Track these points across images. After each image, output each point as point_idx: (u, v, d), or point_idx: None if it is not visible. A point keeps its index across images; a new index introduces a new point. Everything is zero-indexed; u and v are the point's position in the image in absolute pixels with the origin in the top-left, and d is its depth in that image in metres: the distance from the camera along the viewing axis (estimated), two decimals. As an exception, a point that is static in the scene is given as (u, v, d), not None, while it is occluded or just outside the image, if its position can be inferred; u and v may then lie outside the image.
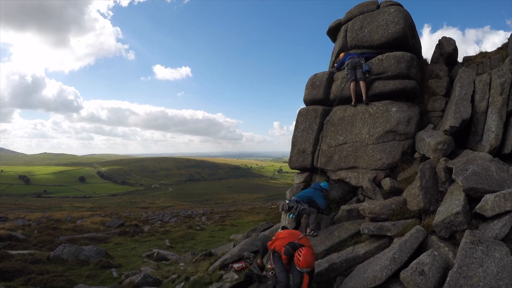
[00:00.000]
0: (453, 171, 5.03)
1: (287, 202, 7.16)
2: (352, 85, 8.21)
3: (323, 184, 7.41)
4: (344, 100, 8.75)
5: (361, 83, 8.08)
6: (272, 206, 30.78)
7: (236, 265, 7.32)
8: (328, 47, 10.73)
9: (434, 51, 9.53)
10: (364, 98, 8.08)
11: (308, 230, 6.65)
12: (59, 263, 9.49)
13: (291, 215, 7.01)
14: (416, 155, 7.06)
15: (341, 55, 8.97)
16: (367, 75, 8.13)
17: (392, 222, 5.35)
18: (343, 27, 9.59)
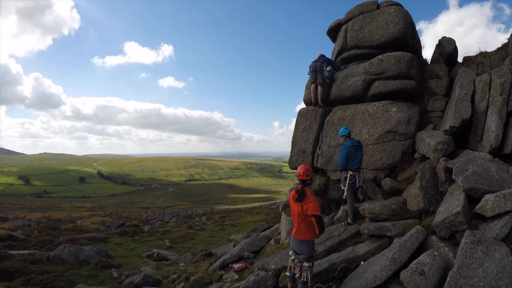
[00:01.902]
0: (453, 171, 5.03)
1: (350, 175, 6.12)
2: (312, 87, 8.89)
3: (344, 130, 6.43)
4: (344, 100, 8.76)
5: (319, 88, 8.73)
6: (272, 206, 30.79)
7: (236, 265, 7.31)
8: (329, 46, 10.75)
9: (434, 51, 9.54)
10: (319, 102, 8.77)
11: (349, 220, 6.28)
12: (59, 263, 9.49)
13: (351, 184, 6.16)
14: (416, 155, 7.07)
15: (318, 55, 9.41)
16: (327, 81, 8.85)
17: (392, 222, 5.35)
18: (343, 27, 9.59)
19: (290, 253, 4.53)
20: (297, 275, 4.32)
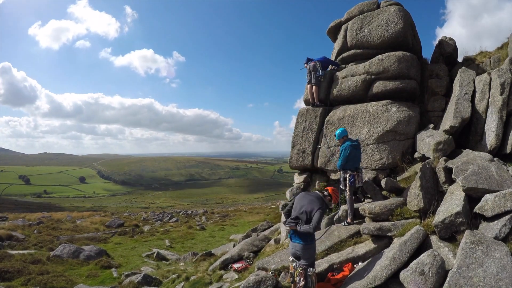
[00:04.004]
0: (453, 171, 5.03)
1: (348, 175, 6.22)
2: (308, 87, 8.99)
3: (342, 129, 6.53)
4: (344, 100, 8.76)
5: (314, 87, 8.83)
6: (272, 206, 30.80)
7: (236, 265, 7.31)
8: (329, 46, 10.76)
9: (434, 51, 9.52)
10: (312, 102, 8.91)
11: (349, 220, 6.22)
12: (59, 263, 9.49)
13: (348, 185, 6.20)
14: (416, 155, 7.06)
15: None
16: (322, 79, 8.93)
17: (392, 222, 5.35)
18: (343, 27, 9.58)
19: (291, 259, 4.38)
20: (301, 284, 4.10)
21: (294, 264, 4.29)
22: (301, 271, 4.15)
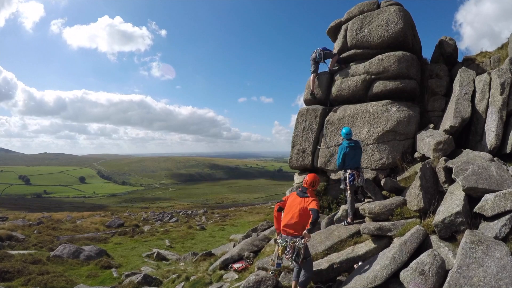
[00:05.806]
0: (453, 171, 5.03)
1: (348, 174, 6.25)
2: (312, 76, 9.04)
3: (346, 130, 6.48)
4: (344, 100, 8.76)
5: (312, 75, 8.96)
6: (272, 206, 30.81)
7: (236, 265, 7.31)
8: (329, 46, 10.73)
9: (434, 51, 9.53)
10: (312, 92, 9.06)
11: (349, 219, 6.25)
12: (59, 263, 9.49)
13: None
14: (416, 154, 7.07)
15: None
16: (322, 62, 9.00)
17: (392, 222, 5.35)
18: (343, 27, 9.58)
19: (279, 240, 4.48)
20: (287, 256, 4.26)
21: (279, 240, 4.48)
22: (291, 244, 4.29)
